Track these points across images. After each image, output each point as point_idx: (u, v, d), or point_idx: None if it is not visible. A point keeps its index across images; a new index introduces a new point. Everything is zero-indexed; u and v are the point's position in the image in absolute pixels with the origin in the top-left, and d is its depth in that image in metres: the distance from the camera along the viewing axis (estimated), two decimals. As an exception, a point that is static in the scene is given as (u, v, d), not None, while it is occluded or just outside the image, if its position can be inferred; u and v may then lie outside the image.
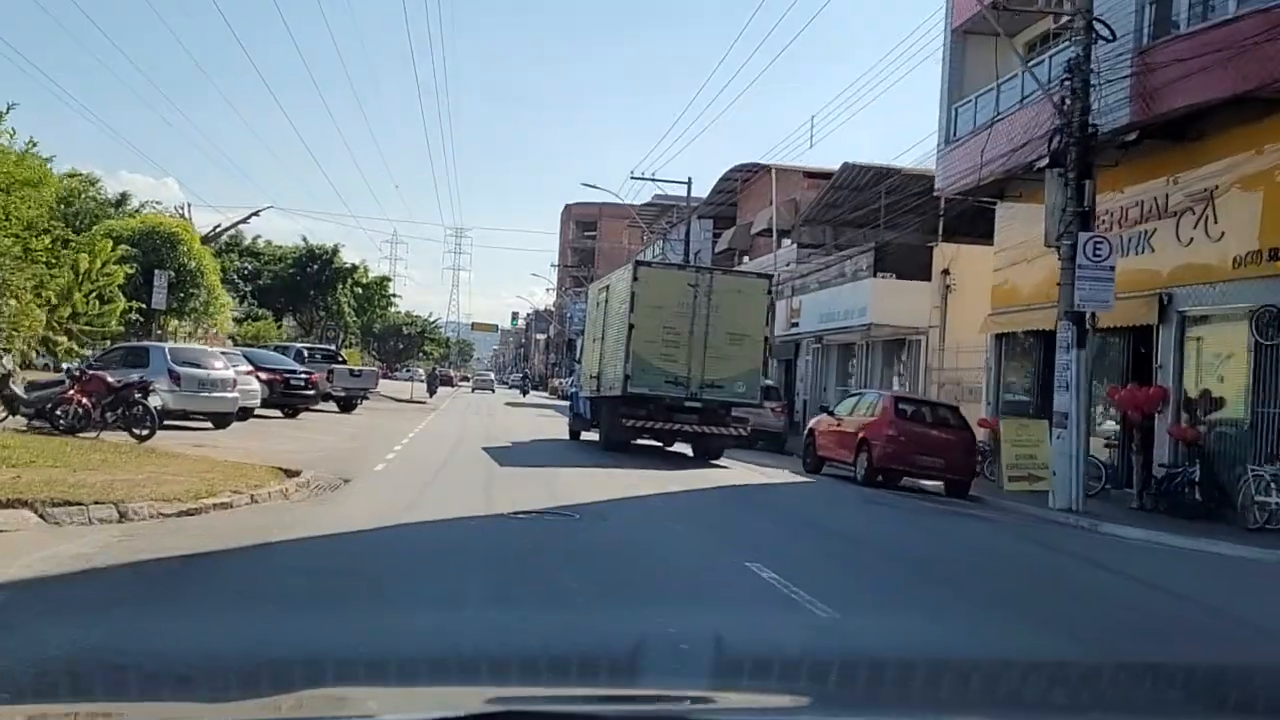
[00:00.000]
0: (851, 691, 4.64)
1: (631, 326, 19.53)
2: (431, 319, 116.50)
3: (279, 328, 56.92)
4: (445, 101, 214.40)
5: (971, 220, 24.72)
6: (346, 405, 30.46)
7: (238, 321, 46.82)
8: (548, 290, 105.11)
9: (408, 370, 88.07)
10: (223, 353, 22.50)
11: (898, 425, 17.97)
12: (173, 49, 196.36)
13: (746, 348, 19.80)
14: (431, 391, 57.97)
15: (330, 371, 30.08)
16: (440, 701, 3.23)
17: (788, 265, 34.95)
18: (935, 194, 23.54)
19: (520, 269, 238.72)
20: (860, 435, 18.40)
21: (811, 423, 21.33)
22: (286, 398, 25.21)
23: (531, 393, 77.57)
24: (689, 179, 46.40)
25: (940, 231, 26.86)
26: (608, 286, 22.28)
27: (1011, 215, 21.37)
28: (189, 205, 47.43)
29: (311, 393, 26.20)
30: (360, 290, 68.23)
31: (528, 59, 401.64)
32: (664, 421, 19.63)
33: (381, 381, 40.58)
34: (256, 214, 54.71)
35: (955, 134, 21.91)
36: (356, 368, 34.36)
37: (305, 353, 31.82)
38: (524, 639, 5.66)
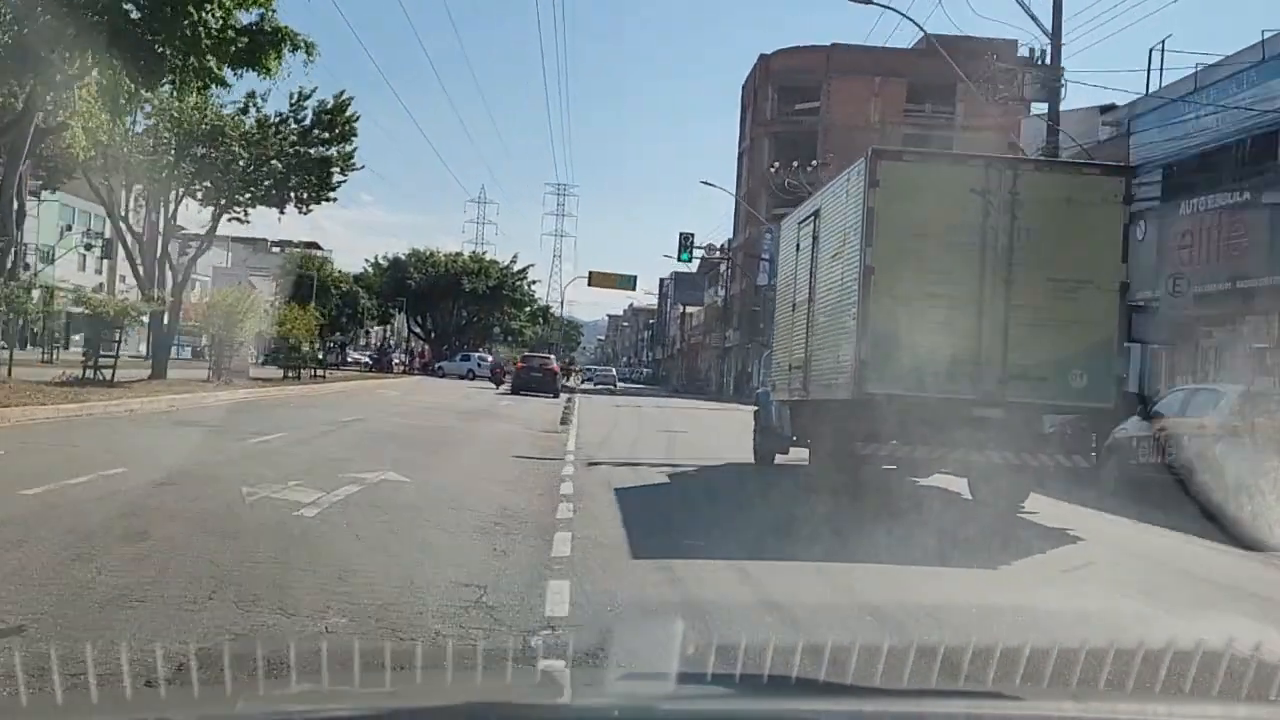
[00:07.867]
0: None
1: (869, 273, 10.92)
2: (516, 268, 67.07)
3: None
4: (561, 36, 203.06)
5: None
6: None
7: None
8: (658, 285, 77.58)
9: (469, 359, 52.17)
10: None
11: None
12: None
13: (1086, 305, 11.03)
14: (497, 382, 42.85)
15: None
16: None
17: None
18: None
19: (640, 249, 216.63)
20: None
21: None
22: None
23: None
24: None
25: None
26: (817, 211, 13.24)
27: None
28: None
29: None
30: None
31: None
32: (930, 444, 10.96)
33: (419, 380, 19.77)
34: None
35: None
36: None
37: None
38: None
